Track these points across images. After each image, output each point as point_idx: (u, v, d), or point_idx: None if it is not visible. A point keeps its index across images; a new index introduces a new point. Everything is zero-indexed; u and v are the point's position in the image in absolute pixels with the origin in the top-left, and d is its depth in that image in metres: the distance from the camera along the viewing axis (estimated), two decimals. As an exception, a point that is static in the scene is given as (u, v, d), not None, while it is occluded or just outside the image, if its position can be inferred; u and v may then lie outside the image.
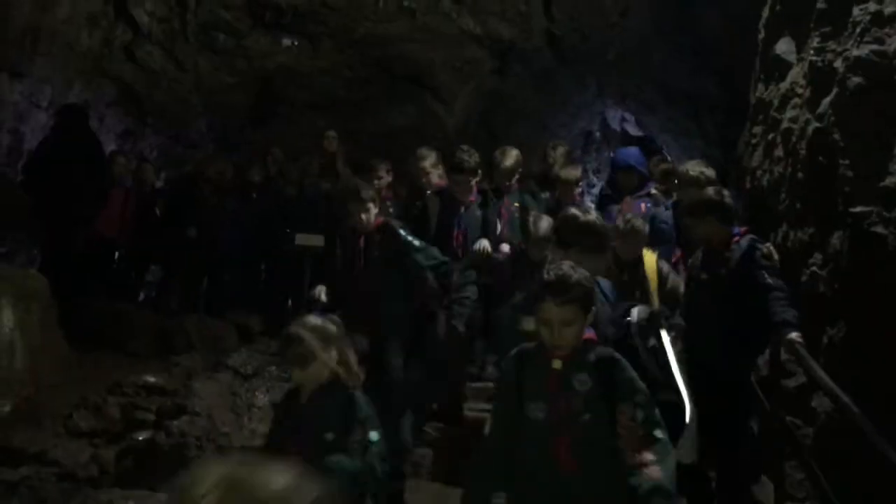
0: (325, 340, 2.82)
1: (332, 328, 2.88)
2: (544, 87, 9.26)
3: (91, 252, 7.57)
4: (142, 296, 8.46)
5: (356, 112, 9.45)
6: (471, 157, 5.21)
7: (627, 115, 9.18)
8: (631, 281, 4.57)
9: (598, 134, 10.13)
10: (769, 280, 3.80)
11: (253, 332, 6.97)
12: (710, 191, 4.24)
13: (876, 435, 2.98)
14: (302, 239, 7.13)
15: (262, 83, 9.49)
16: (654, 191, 5.75)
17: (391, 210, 6.01)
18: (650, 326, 3.23)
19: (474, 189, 5.31)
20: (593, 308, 2.54)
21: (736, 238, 4.05)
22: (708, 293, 4.03)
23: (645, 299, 4.39)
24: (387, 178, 6.43)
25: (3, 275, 5.66)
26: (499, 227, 5.46)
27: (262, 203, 7.83)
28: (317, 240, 6.88)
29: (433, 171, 5.80)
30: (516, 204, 5.58)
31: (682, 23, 6.91)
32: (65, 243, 7.15)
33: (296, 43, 9.08)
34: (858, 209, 3.79)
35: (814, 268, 4.18)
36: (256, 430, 4.61)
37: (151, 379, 5.37)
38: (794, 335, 3.59)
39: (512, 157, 5.68)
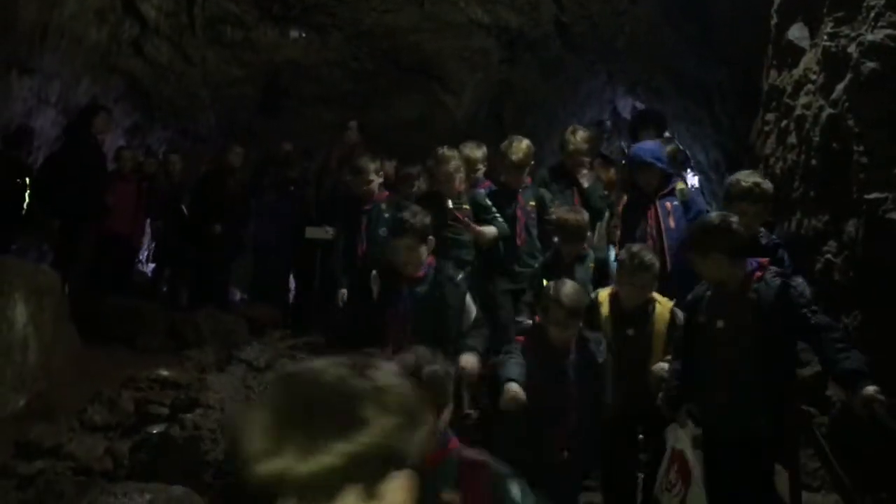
0: None
1: None
2: (553, 76, 9.21)
3: (104, 248, 7.66)
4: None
5: (364, 104, 9.44)
6: (414, 216, 3.78)
7: (638, 104, 9.11)
8: (637, 337, 3.73)
9: (608, 123, 10.06)
10: (815, 320, 3.13)
11: (264, 324, 6.99)
12: (716, 217, 3.41)
13: None
14: (311, 232, 7.16)
15: (269, 76, 9.49)
16: (679, 185, 4.94)
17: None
18: None
19: (425, 260, 3.83)
20: None
21: (757, 274, 3.27)
22: (727, 345, 3.24)
23: (644, 368, 3.70)
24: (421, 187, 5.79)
25: (16, 271, 5.68)
26: (519, 231, 4.91)
27: (297, 198, 7.88)
28: (325, 232, 6.90)
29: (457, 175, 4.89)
30: (532, 203, 5.04)
31: (692, 10, 6.85)
32: (75, 239, 7.23)
33: (303, 35, 9.07)
34: (873, 196, 3.76)
35: (828, 255, 4.15)
36: (269, 423, 4.61)
37: (165, 373, 5.39)
38: (871, 390, 2.90)
39: (522, 149, 5.01)
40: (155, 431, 4.56)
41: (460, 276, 3.88)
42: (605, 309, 3.79)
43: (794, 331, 3.17)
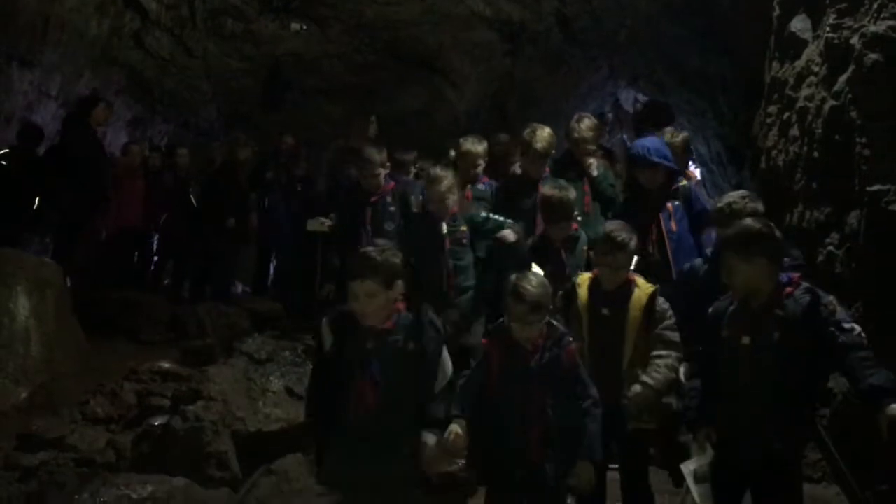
0: None
1: None
2: (556, 69, 9.19)
3: (112, 243, 7.69)
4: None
5: (366, 96, 9.42)
6: (381, 254, 3.01)
7: (640, 97, 9.10)
8: (611, 318, 3.49)
9: (610, 116, 10.06)
10: (844, 338, 2.95)
11: (266, 318, 6.99)
12: (757, 221, 3.17)
13: None
14: (311, 225, 7.14)
15: (271, 68, 9.47)
16: (682, 182, 4.82)
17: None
18: None
19: (390, 307, 3.07)
20: None
21: (789, 289, 3.06)
22: (752, 363, 3.05)
23: (615, 353, 3.45)
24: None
25: (18, 263, 5.70)
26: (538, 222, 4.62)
27: (305, 194, 7.86)
28: (321, 224, 6.88)
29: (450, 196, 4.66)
30: None
31: (694, 2, 6.83)
32: (76, 231, 7.24)
33: (304, 27, 9.04)
34: (875, 188, 3.76)
35: (830, 247, 4.15)
36: (271, 414, 4.63)
37: (166, 365, 5.40)
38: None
39: (545, 137, 4.87)
40: (157, 423, 4.58)
41: (439, 322, 3.22)
42: (583, 291, 3.58)
43: (821, 351, 2.98)
